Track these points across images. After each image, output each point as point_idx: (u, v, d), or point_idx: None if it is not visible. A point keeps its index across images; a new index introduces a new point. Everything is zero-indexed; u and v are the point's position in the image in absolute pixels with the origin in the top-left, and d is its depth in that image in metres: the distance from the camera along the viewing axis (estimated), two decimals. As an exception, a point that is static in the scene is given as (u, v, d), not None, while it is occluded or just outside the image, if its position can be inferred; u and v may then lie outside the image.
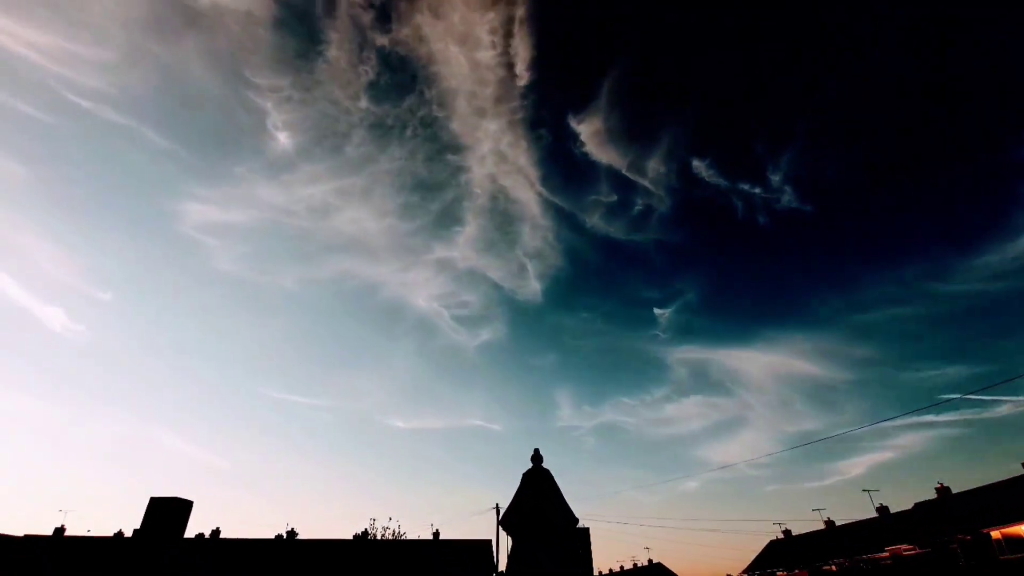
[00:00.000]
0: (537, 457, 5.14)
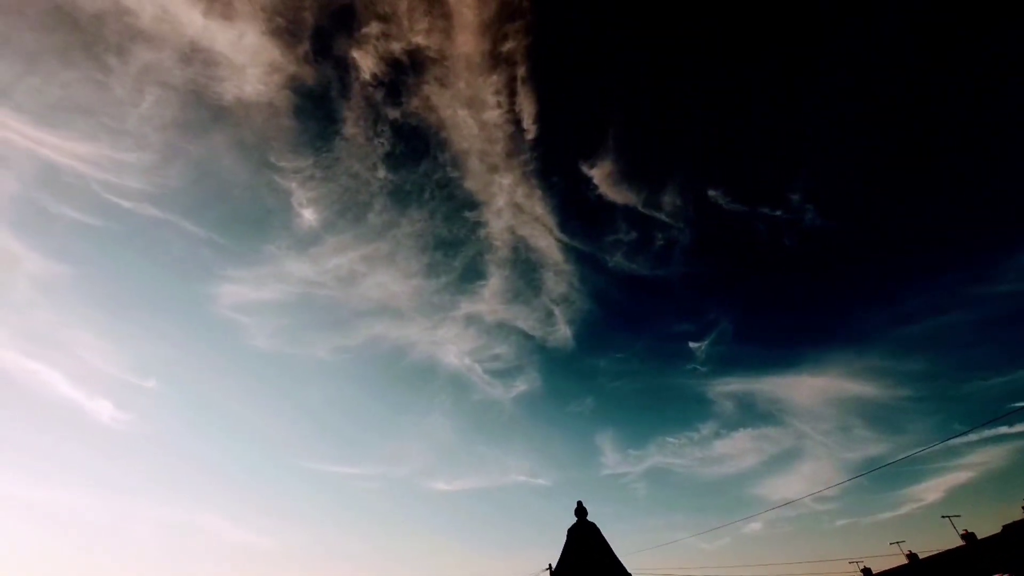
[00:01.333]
0: (581, 511, 5.04)
